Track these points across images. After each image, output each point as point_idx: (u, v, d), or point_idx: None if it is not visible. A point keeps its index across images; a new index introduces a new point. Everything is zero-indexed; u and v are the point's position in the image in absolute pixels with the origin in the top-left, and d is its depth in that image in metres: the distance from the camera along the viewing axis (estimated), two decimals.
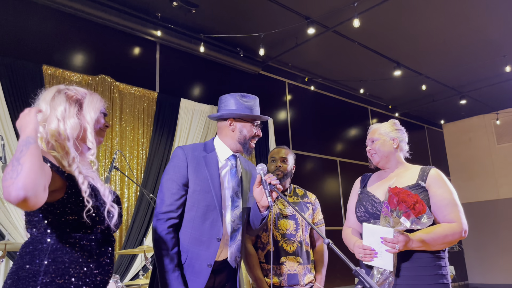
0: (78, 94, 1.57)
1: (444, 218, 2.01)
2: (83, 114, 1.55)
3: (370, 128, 2.35)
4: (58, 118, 1.49)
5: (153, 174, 4.69)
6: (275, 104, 6.88)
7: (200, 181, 1.98)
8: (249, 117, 2.07)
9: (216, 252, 1.93)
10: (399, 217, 1.89)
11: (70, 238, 1.39)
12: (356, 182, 2.41)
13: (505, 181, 9.46)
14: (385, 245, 1.87)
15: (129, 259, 4.20)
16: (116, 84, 4.73)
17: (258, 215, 2.01)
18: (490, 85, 7.97)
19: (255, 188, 1.95)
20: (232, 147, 2.09)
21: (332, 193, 7.35)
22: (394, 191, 1.92)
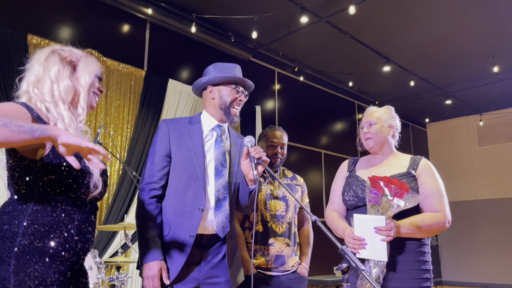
0: (73, 55, 1.51)
1: (430, 207, 2.04)
2: (77, 77, 1.50)
3: (368, 110, 2.31)
4: (51, 79, 1.43)
5: (137, 153, 4.62)
6: (263, 93, 6.84)
7: (182, 151, 1.95)
8: (226, 79, 2.04)
9: (199, 222, 1.89)
10: (391, 199, 1.88)
11: (52, 201, 1.34)
12: (343, 165, 2.38)
13: (483, 182, 9.67)
14: (380, 234, 1.86)
15: (108, 236, 4.13)
16: (104, 60, 4.62)
17: (245, 189, 1.97)
18: (476, 86, 8.09)
19: (243, 161, 1.92)
20: (216, 117, 2.07)
21: (315, 185, 7.38)
22: (373, 180, 1.93)
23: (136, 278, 4.36)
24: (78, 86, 1.49)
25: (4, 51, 3.83)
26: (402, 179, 2.07)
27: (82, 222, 1.42)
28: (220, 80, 2.04)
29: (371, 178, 1.96)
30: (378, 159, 2.26)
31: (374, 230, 1.88)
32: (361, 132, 2.26)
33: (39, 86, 1.43)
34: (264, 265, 2.47)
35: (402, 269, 2.00)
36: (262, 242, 2.50)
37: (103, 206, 4.29)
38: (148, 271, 1.80)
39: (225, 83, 2.05)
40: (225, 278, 1.94)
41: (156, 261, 1.80)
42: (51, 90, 1.42)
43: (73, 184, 1.37)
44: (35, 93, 1.42)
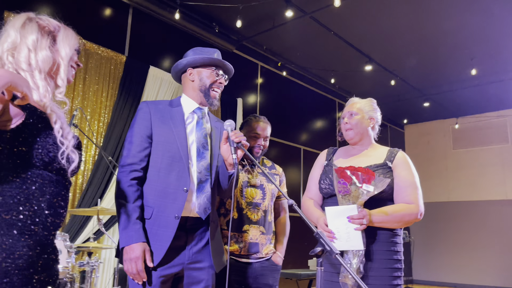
0: (51, 25, 1.45)
1: (403, 199, 2.06)
2: (57, 48, 1.44)
3: (350, 101, 2.32)
4: (29, 47, 1.37)
5: (114, 138, 4.52)
6: (246, 86, 6.82)
7: (164, 132, 1.92)
8: (206, 60, 2.02)
9: (184, 203, 1.85)
10: (360, 186, 1.90)
11: (21, 173, 1.29)
12: (321, 154, 2.39)
13: (456, 184, 9.92)
14: (353, 223, 1.87)
15: (81, 222, 4.04)
16: (83, 42, 4.50)
17: (225, 173, 1.95)
18: (453, 90, 8.27)
19: (222, 145, 1.90)
20: (196, 99, 2.05)
21: (293, 181, 7.41)
22: (340, 170, 1.94)
23: (108, 264, 4.29)
24: (58, 57, 1.44)
25: None
26: (378, 170, 2.09)
27: (53, 196, 1.38)
28: (200, 62, 2.03)
29: (337, 169, 1.98)
30: (356, 149, 2.28)
31: (348, 219, 1.89)
32: (342, 122, 2.28)
33: (14, 53, 1.37)
34: (237, 252, 2.46)
35: (374, 258, 2.02)
36: (236, 229, 2.49)
37: (76, 191, 4.19)
38: (130, 253, 1.74)
39: (205, 65, 2.03)
40: (209, 263, 1.92)
41: (139, 243, 1.75)
42: (27, 58, 1.37)
43: (44, 157, 1.33)
44: (9, 61, 1.36)
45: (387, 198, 2.09)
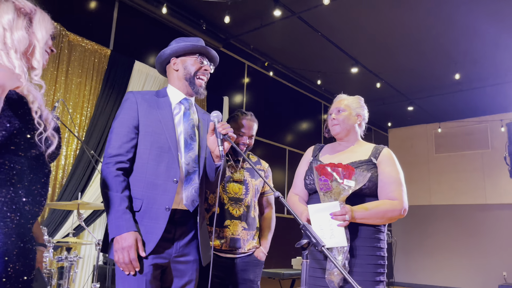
0: (27, 7, 1.42)
1: (387, 195, 2.06)
2: (33, 30, 1.41)
3: (338, 97, 2.32)
4: (4, 26, 1.33)
5: (97, 133, 4.43)
6: (232, 85, 6.79)
7: (151, 122, 1.87)
8: (189, 48, 1.98)
9: (174, 194, 1.81)
10: (341, 182, 1.89)
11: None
12: (308, 151, 2.39)
13: (438, 188, 10.07)
14: (336, 219, 1.86)
15: (61, 217, 3.93)
16: (67, 33, 4.40)
17: (212, 165, 1.92)
18: (437, 95, 8.39)
19: (209, 136, 1.86)
20: (182, 89, 2.01)
21: (278, 181, 7.40)
22: (320, 167, 1.94)
23: (88, 260, 4.19)
24: (34, 39, 1.41)
25: None
26: (362, 166, 2.09)
27: (32, 183, 1.32)
28: (183, 50, 1.99)
29: (317, 166, 1.97)
30: (342, 146, 2.28)
31: (330, 216, 1.88)
32: (329, 118, 2.27)
33: None
34: (218, 247, 2.43)
35: (358, 254, 2.01)
36: (217, 224, 2.45)
37: (56, 186, 4.08)
38: (122, 242, 1.68)
39: (188, 54, 2.00)
40: (194, 257, 1.89)
41: (131, 232, 1.70)
42: (3, 37, 1.33)
43: (22, 141, 1.27)
44: None
45: (371, 194, 2.08)
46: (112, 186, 1.76)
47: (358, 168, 2.08)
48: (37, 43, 1.41)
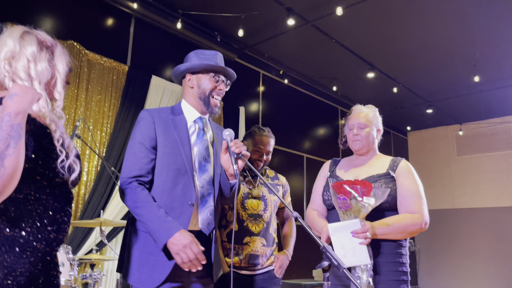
0: (48, 41, 1.48)
1: (407, 209, 2.03)
2: (55, 63, 1.47)
3: (357, 110, 2.27)
4: (28, 58, 1.38)
5: (117, 148, 4.51)
6: (248, 94, 6.82)
7: (169, 143, 1.86)
8: (205, 67, 1.94)
9: (190, 218, 1.81)
10: (361, 200, 1.88)
11: (25, 189, 1.28)
12: (324, 165, 2.38)
13: (461, 191, 9.84)
14: (357, 237, 1.85)
15: (83, 234, 4.01)
16: (86, 52, 4.51)
17: (227, 183, 1.92)
18: (456, 96, 8.24)
19: (222, 155, 1.86)
20: (196, 107, 1.99)
21: (296, 189, 7.37)
22: (337, 185, 1.92)
23: (111, 277, 4.25)
24: (56, 71, 1.47)
25: None
26: (380, 180, 2.08)
27: (56, 212, 1.36)
28: (199, 68, 1.96)
29: (334, 184, 1.96)
30: (360, 159, 2.26)
31: (351, 235, 1.86)
32: (350, 131, 2.24)
33: (12, 62, 1.36)
34: (237, 264, 2.43)
35: (380, 270, 1.99)
36: (236, 241, 2.46)
37: (79, 202, 4.17)
38: (180, 242, 1.67)
39: (204, 71, 1.96)
40: (208, 275, 1.89)
41: (182, 230, 1.71)
42: (27, 68, 1.38)
43: (47, 171, 1.31)
44: (6, 69, 1.36)
45: (390, 208, 2.06)
46: (142, 198, 1.74)
47: (377, 183, 2.06)
48: (58, 75, 1.46)
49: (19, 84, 1.31)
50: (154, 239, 1.72)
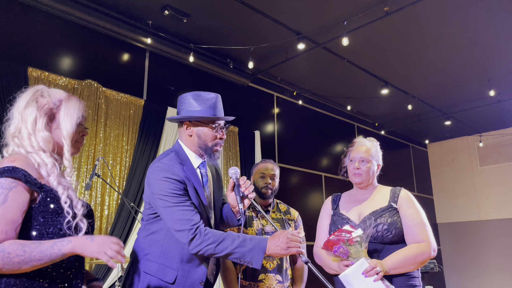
0: (51, 102, 1.50)
1: (414, 238, 2.06)
2: (59, 127, 1.49)
3: (359, 143, 2.31)
4: (29, 131, 1.45)
5: (136, 182, 4.63)
6: (263, 117, 6.89)
7: (195, 199, 1.88)
8: (205, 119, 1.91)
9: (207, 268, 1.87)
10: (351, 237, 1.92)
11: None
12: (326, 203, 2.41)
13: (486, 202, 9.59)
14: (370, 276, 1.88)
15: (106, 268, 4.11)
16: (103, 90, 4.68)
17: (234, 219, 1.98)
18: (474, 107, 8.12)
19: (229, 193, 1.92)
20: (197, 153, 1.97)
21: (316, 208, 7.33)
22: (326, 245, 2.01)
23: None
24: (61, 138, 1.48)
25: (4, 84, 3.89)
26: (385, 214, 2.12)
27: (67, 269, 1.42)
28: (199, 119, 1.91)
29: (324, 246, 2.02)
30: (360, 194, 2.30)
31: (364, 276, 1.88)
32: (351, 164, 2.29)
33: (18, 137, 1.46)
34: None
35: None
36: (252, 278, 2.48)
37: None
38: (278, 242, 1.74)
39: (204, 122, 1.92)
40: None
41: (266, 238, 1.77)
42: (30, 141, 1.44)
43: (55, 236, 1.38)
44: (16, 143, 1.45)
45: (398, 240, 2.10)
46: (217, 236, 1.76)
47: (382, 217, 2.09)
48: (64, 140, 1.48)
49: None
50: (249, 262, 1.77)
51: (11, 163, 1.37)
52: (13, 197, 1.31)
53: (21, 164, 1.38)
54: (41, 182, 1.39)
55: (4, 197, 1.30)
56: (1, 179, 1.33)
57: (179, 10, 4.91)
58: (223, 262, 2.52)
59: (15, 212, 1.30)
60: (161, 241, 1.87)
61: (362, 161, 2.24)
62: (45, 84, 4.12)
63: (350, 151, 2.32)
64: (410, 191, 2.28)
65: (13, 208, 1.30)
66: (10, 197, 1.31)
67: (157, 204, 1.83)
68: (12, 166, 1.36)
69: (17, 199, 1.32)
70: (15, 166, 1.36)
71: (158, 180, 1.82)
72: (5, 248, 1.24)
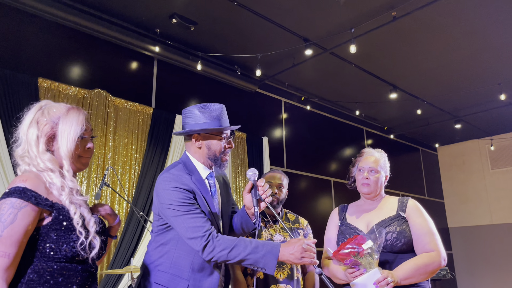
0: (50, 121, 1.49)
1: (424, 247, 2.06)
2: (58, 147, 1.48)
3: (368, 153, 2.31)
4: (34, 153, 1.46)
5: (145, 190, 4.65)
6: (271, 122, 6.88)
7: (204, 208, 1.90)
8: (214, 130, 1.95)
9: (218, 278, 1.88)
10: (361, 250, 1.91)
11: (48, 267, 1.37)
12: (333, 214, 2.40)
13: (498, 206, 9.46)
14: (381, 286, 1.87)
15: (116, 278, 4.12)
16: (112, 99, 4.72)
17: (249, 223, 1.98)
18: (485, 110, 8.04)
19: (245, 194, 1.93)
20: (205, 164, 2.00)
21: (325, 213, 7.30)
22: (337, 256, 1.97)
23: None
24: (61, 159, 1.48)
25: (15, 95, 3.94)
26: (393, 222, 2.11)
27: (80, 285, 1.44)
28: (207, 131, 1.95)
29: (334, 256, 1.99)
30: (368, 203, 2.30)
31: (375, 286, 1.87)
32: (359, 173, 2.28)
33: (26, 159, 1.47)
34: None
35: None
36: None
37: (111, 246, 4.30)
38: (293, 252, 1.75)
39: (212, 133, 1.96)
40: None
41: (280, 244, 1.78)
42: (37, 162, 1.45)
43: (68, 253, 1.39)
44: (25, 162, 1.47)
45: (408, 249, 2.10)
46: (230, 242, 1.77)
47: (391, 226, 2.08)
48: (64, 162, 1.47)
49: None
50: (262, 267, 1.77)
51: (23, 183, 1.38)
52: (21, 217, 1.33)
53: (32, 184, 1.39)
54: (52, 200, 1.41)
55: (14, 217, 1.32)
56: (12, 198, 1.34)
57: (187, 18, 4.94)
58: (234, 274, 2.52)
59: (22, 233, 1.32)
60: (171, 251, 1.88)
61: (371, 171, 2.24)
62: (55, 94, 4.17)
63: (358, 161, 2.32)
64: (420, 195, 2.29)
65: (20, 228, 1.32)
66: (19, 217, 1.32)
67: (167, 214, 1.84)
68: (23, 187, 1.37)
69: (25, 220, 1.33)
70: (26, 187, 1.37)
71: (167, 190, 1.85)
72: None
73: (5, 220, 1.30)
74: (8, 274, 1.29)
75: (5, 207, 1.33)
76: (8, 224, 1.30)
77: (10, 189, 1.37)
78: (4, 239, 1.29)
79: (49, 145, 1.49)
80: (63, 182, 1.46)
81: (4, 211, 1.32)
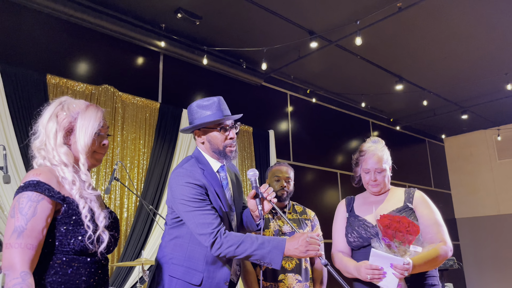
0: (69, 115, 1.53)
1: (431, 238, 2.08)
2: (76, 140, 1.52)
3: (370, 152, 2.25)
4: (52, 146, 1.50)
5: (153, 184, 4.70)
6: (276, 115, 6.90)
7: (213, 200, 1.95)
8: (210, 124, 1.96)
9: (231, 269, 1.94)
10: (407, 248, 1.89)
11: (57, 260, 1.41)
12: (340, 206, 2.41)
13: (506, 196, 9.43)
14: (396, 271, 1.87)
15: (127, 270, 4.19)
16: (119, 94, 4.76)
17: (253, 224, 2.03)
18: (491, 100, 7.99)
19: (249, 199, 1.96)
20: (214, 157, 2.03)
21: (332, 206, 7.33)
22: (383, 223, 1.92)
23: None
24: (77, 153, 1.52)
25: (25, 92, 3.99)
26: (401, 214, 2.12)
27: (90, 277, 1.47)
28: (205, 125, 1.97)
29: (379, 221, 1.96)
30: (374, 196, 2.30)
31: (390, 265, 1.89)
32: (366, 175, 2.26)
33: (43, 152, 1.51)
34: None
35: None
36: (272, 279, 2.52)
37: (121, 239, 4.37)
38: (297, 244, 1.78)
39: (211, 127, 1.97)
40: None
41: (284, 239, 1.82)
42: (53, 155, 1.50)
43: (76, 246, 1.43)
44: (41, 155, 1.51)
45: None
46: (236, 239, 1.80)
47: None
48: (81, 155, 1.51)
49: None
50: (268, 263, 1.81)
51: (37, 176, 1.42)
52: (41, 209, 1.37)
53: (46, 178, 1.42)
54: (64, 194, 1.44)
55: (34, 210, 1.36)
56: (28, 192, 1.38)
57: (192, 13, 4.96)
58: (243, 265, 2.56)
59: (43, 225, 1.36)
60: (185, 245, 1.92)
61: (377, 172, 2.23)
62: (63, 90, 4.22)
63: (361, 160, 2.28)
64: (427, 186, 2.30)
65: (42, 220, 1.36)
66: (39, 210, 1.36)
67: (179, 209, 1.88)
68: (37, 180, 1.41)
69: (45, 212, 1.37)
70: (40, 180, 1.41)
71: (180, 185, 1.88)
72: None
73: (27, 213, 1.34)
74: (32, 266, 1.33)
75: (23, 201, 1.37)
76: (30, 217, 1.34)
77: (24, 183, 1.41)
78: (29, 231, 1.33)
79: (67, 139, 1.53)
80: (75, 177, 1.49)
81: (24, 205, 1.36)
